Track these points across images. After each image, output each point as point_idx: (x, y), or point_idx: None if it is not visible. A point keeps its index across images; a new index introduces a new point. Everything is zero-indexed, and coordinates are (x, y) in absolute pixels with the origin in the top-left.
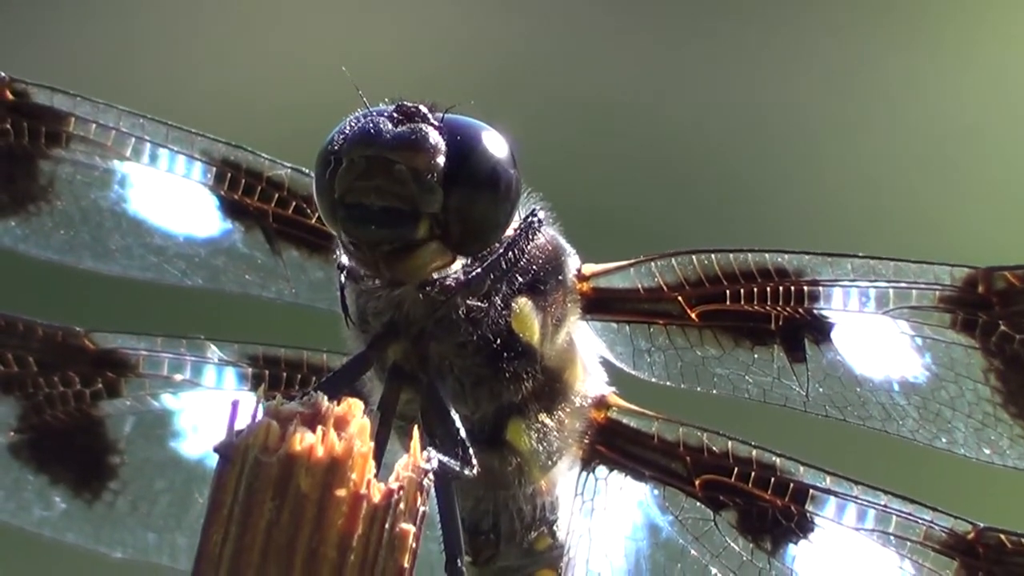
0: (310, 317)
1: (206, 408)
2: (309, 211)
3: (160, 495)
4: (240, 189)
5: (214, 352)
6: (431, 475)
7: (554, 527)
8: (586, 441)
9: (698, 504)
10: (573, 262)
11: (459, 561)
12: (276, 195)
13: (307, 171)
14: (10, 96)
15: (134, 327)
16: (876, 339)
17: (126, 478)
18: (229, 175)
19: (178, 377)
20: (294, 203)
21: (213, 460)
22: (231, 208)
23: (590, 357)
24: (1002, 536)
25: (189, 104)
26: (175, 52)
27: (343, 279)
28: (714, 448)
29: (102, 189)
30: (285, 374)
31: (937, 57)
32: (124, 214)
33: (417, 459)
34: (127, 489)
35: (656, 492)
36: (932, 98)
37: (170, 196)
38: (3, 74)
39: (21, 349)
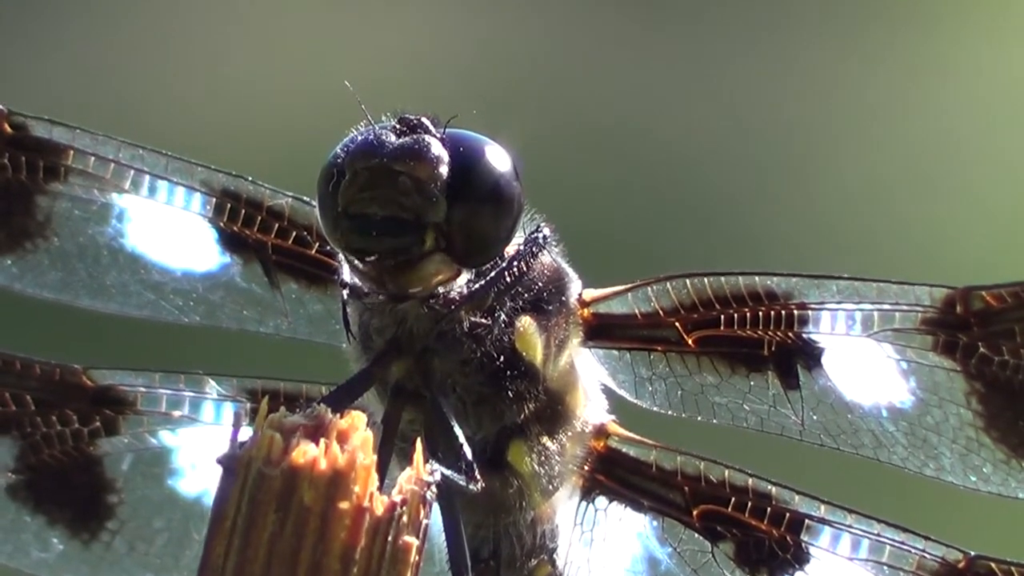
0: (309, 350)
1: (204, 445)
2: (310, 240)
3: (158, 534)
4: (240, 220)
5: (213, 387)
6: (434, 488)
7: (554, 555)
8: (586, 469)
9: (696, 535)
10: (575, 286)
11: None
12: (276, 225)
13: (307, 199)
14: (9, 129)
15: (132, 363)
16: (864, 363)
17: (124, 517)
18: (229, 206)
19: (176, 413)
20: (294, 233)
21: (211, 498)
22: (230, 241)
23: (591, 383)
24: (992, 564)
25: (187, 129)
26: (172, 76)
27: (346, 296)
28: (711, 477)
29: (99, 224)
30: (284, 409)
31: (922, 72)
32: (121, 250)
33: (420, 472)
34: (125, 528)
35: (655, 523)
36: (917, 113)
37: (168, 230)
38: (1, 107)
39: (18, 388)
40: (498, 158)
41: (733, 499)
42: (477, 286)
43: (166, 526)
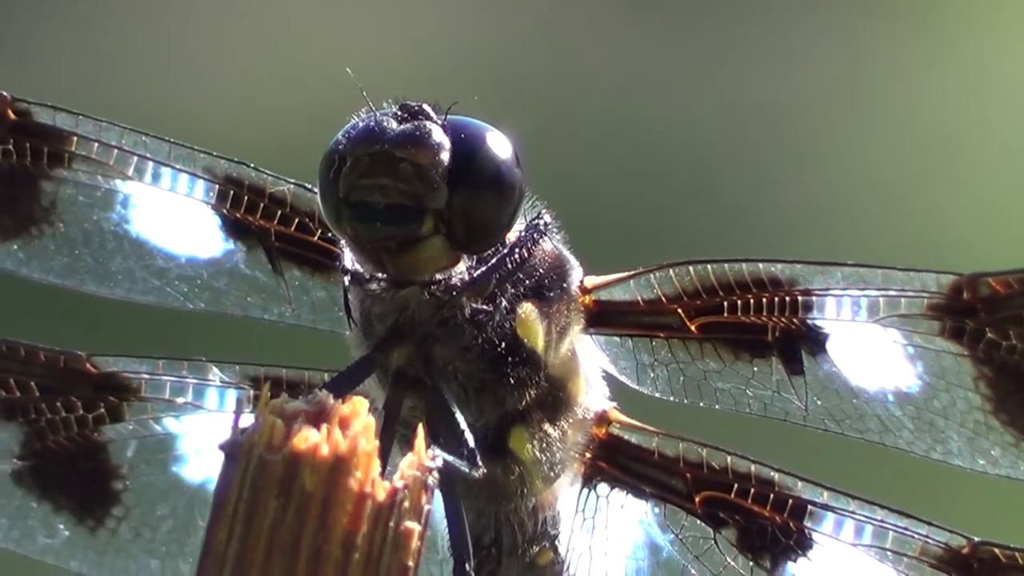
0: (312, 337)
1: (208, 431)
2: (312, 226)
3: (163, 520)
4: (243, 207)
5: (216, 374)
6: (436, 473)
7: (556, 542)
8: (587, 456)
9: (698, 522)
10: (577, 273)
11: (467, 565)
12: (279, 212)
13: (310, 186)
14: (12, 116)
15: (136, 350)
16: (869, 349)
17: (129, 504)
18: (232, 193)
19: (180, 400)
20: (297, 220)
21: (215, 484)
22: (233, 227)
23: (593, 370)
24: (996, 550)
25: (189, 116)
26: (173, 62)
27: (347, 282)
28: (713, 464)
29: (104, 210)
30: (286, 395)
31: (925, 59)
32: (126, 236)
33: (422, 457)
34: (130, 515)
35: (657, 510)
36: (921, 100)
37: (172, 216)
38: (5, 93)
39: (23, 375)
40: (499, 144)
41: (736, 486)
42: (478, 273)
43: (171, 512)
